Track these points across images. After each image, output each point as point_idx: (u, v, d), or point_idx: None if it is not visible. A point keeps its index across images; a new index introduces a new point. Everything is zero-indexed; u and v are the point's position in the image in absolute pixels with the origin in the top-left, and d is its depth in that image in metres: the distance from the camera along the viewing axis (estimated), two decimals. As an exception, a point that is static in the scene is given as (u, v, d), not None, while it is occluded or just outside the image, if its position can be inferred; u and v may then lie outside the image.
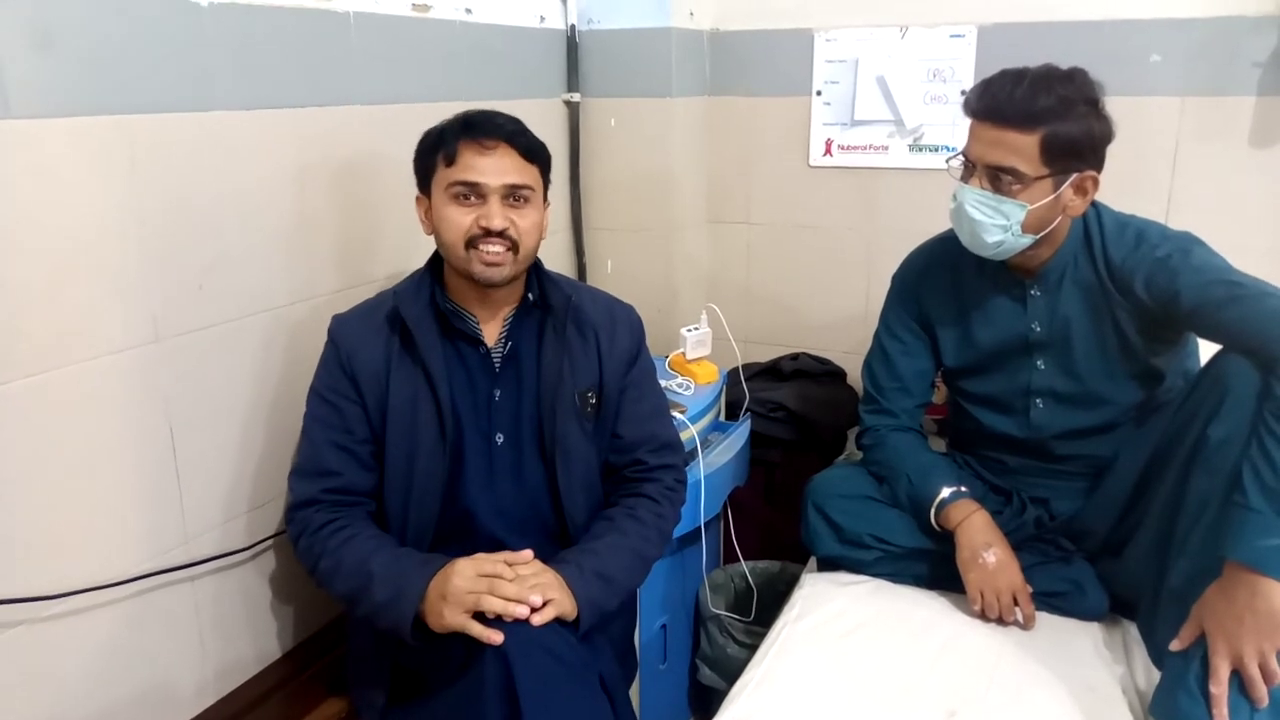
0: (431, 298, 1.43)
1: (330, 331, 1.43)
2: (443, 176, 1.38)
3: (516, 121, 1.41)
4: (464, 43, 1.94)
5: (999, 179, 1.42)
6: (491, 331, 1.46)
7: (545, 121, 2.25)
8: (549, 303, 1.45)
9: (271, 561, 1.62)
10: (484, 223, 1.36)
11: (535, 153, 1.41)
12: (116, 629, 1.37)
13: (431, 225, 1.43)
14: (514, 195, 1.38)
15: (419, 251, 1.85)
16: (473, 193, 1.37)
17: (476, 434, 1.44)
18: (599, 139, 2.34)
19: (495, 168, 1.37)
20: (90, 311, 1.28)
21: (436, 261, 1.48)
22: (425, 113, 1.84)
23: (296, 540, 1.39)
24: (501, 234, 1.36)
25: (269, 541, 1.60)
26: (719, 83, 2.44)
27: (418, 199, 1.46)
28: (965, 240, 1.49)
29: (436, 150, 1.39)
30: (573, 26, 2.28)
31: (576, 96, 2.31)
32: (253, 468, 1.56)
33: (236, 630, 1.57)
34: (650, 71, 2.28)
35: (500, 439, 1.44)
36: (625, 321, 1.55)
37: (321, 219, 1.63)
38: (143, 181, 1.33)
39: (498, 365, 1.45)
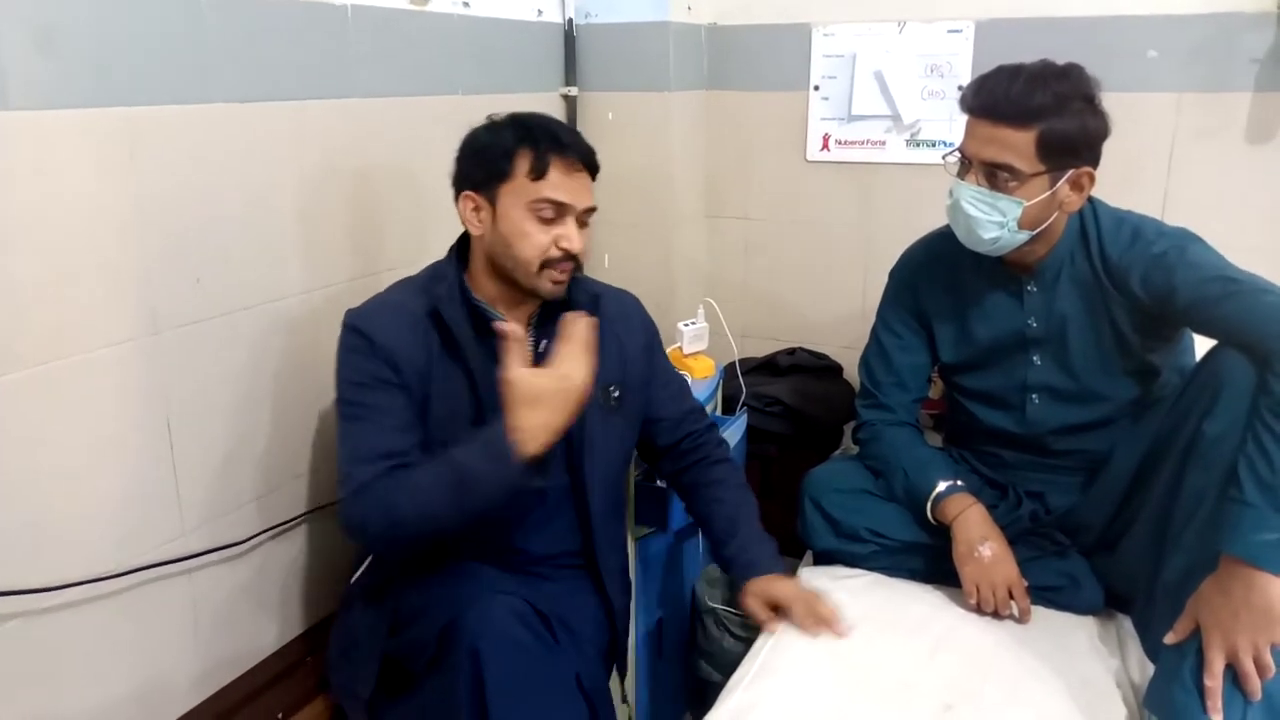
0: (463, 296, 1.40)
1: (354, 326, 1.37)
2: (525, 189, 1.34)
3: (581, 136, 1.42)
4: (462, 36, 1.94)
5: (995, 175, 1.42)
6: (517, 325, 1.44)
7: (543, 115, 2.24)
8: (574, 300, 1.45)
9: (268, 555, 1.62)
10: (565, 245, 1.36)
11: (596, 174, 1.43)
12: (112, 622, 1.37)
13: (486, 227, 1.38)
14: (586, 217, 1.40)
15: (420, 244, 1.86)
16: (557, 212, 1.36)
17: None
18: (596, 133, 2.34)
19: (580, 189, 1.38)
20: (89, 304, 1.28)
21: (458, 255, 1.45)
22: (423, 106, 1.85)
23: (366, 516, 1.31)
24: (575, 255, 1.38)
25: (266, 535, 1.60)
26: (717, 77, 2.44)
27: (466, 196, 1.39)
28: (962, 237, 1.49)
29: (511, 157, 1.35)
30: (570, 20, 2.28)
31: (574, 90, 2.31)
32: (250, 461, 1.56)
33: (232, 624, 1.57)
34: (648, 66, 2.28)
35: None
36: (636, 312, 1.60)
37: (320, 212, 1.63)
38: (141, 174, 1.32)
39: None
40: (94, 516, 1.32)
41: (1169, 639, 1.25)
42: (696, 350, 2.15)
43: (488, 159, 1.37)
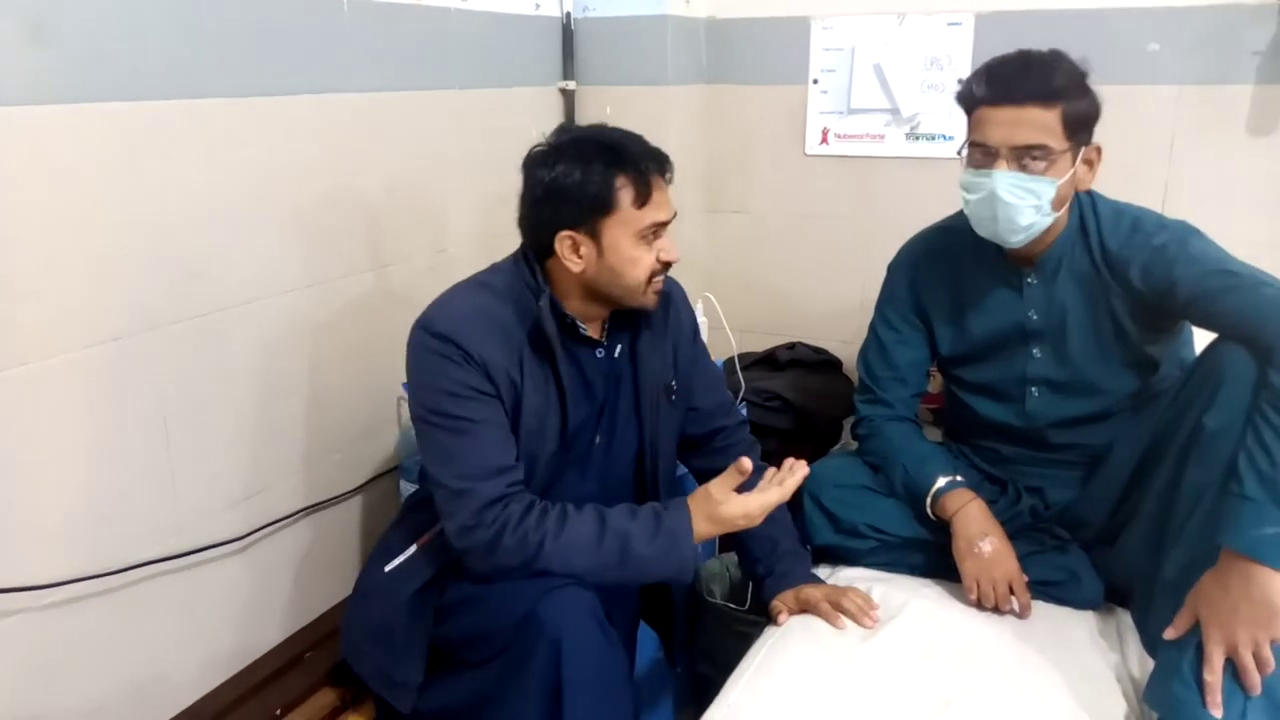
0: (553, 307, 1.35)
1: (443, 334, 1.29)
2: (632, 218, 1.31)
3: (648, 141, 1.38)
4: (459, 30, 1.93)
5: (1026, 158, 1.41)
6: (595, 332, 1.43)
7: (541, 110, 2.24)
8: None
9: (265, 551, 1.62)
10: (666, 256, 1.36)
11: None
12: (110, 618, 1.37)
13: (589, 262, 1.33)
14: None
15: (417, 239, 1.85)
16: (659, 231, 1.35)
17: (584, 439, 1.44)
18: None
19: (670, 199, 1.36)
20: (84, 300, 1.28)
21: (537, 261, 1.38)
22: (420, 101, 1.84)
23: (497, 540, 1.26)
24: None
25: (263, 531, 1.60)
26: (715, 71, 2.43)
27: (564, 237, 1.32)
28: (994, 229, 1.45)
29: (612, 189, 1.30)
30: (568, 14, 2.27)
31: (572, 85, 2.31)
32: (247, 457, 1.55)
33: (230, 620, 1.57)
34: (646, 59, 2.27)
35: (599, 440, 1.45)
36: (684, 301, 1.59)
37: (316, 207, 1.63)
38: (134, 169, 1.32)
39: (609, 369, 1.44)
40: (90, 514, 1.32)
41: (1169, 634, 1.24)
42: (696, 345, 2.14)
43: (585, 196, 1.30)
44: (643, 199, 1.31)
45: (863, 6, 2.25)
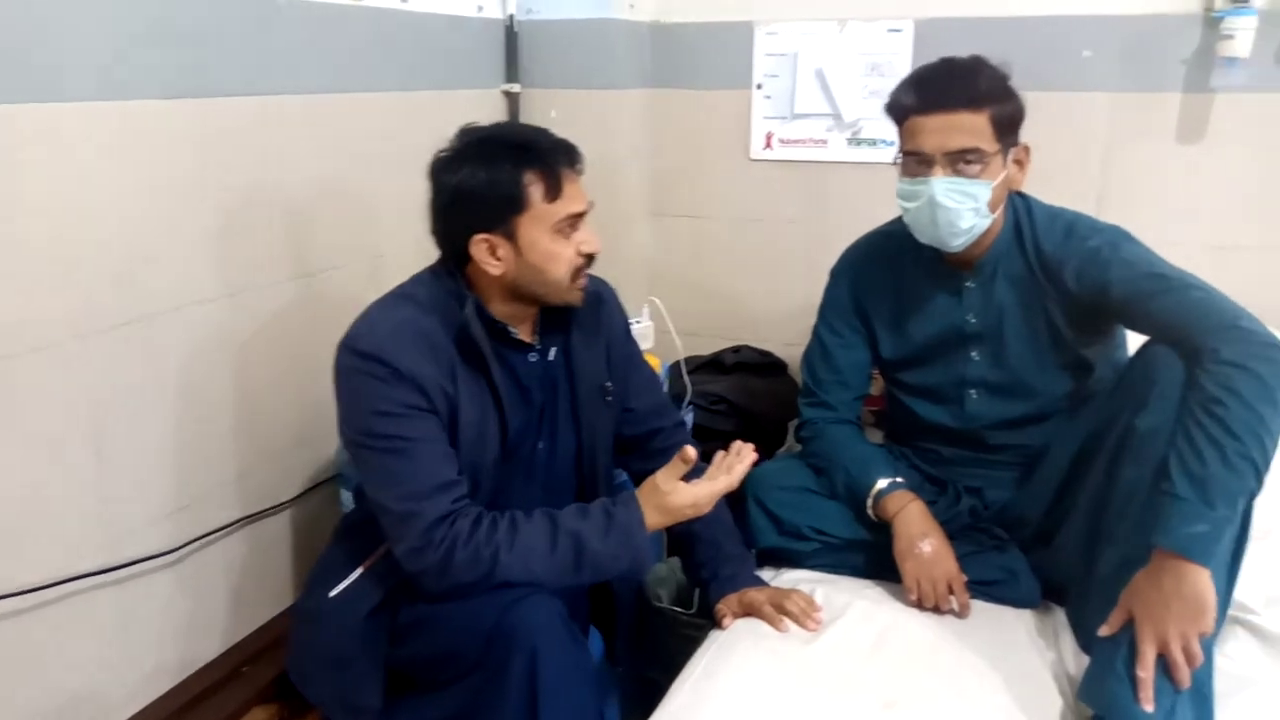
0: (480, 313, 1.33)
1: (370, 353, 1.26)
2: (545, 213, 1.29)
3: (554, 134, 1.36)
4: (399, 31, 1.91)
5: (960, 163, 1.43)
6: (526, 335, 1.41)
7: (484, 113, 2.22)
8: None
9: (201, 563, 1.58)
10: (588, 249, 1.34)
11: None
12: (40, 633, 1.33)
13: (509, 263, 1.31)
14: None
15: (353, 245, 1.82)
16: (575, 222, 1.33)
17: (526, 446, 1.43)
18: None
19: (582, 189, 1.35)
20: (9, 309, 1.24)
21: (456, 269, 1.36)
22: (358, 103, 1.81)
23: (449, 558, 1.24)
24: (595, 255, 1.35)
25: (199, 542, 1.56)
26: (661, 75, 2.43)
27: (479, 241, 1.29)
28: (935, 235, 1.47)
29: (521, 186, 1.27)
30: (511, 16, 2.25)
31: (516, 87, 2.29)
32: (181, 467, 1.52)
33: (164, 634, 1.53)
34: (591, 63, 2.27)
35: (541, 445, 1.44)
36: (615, 301, 1.58)
37: (248, 212, 1.59)
38: (59, 173, 1.28)
39: (544, 372, 1.43)
40: (15, 527, 1.28)
41: (1103, 631, 1.27)
42: (642, 349, 2.14)
43: (494, 196, 1.28)
44: (554, 192, 1.29)
45: (805, 12, 2.26)
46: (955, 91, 1.43)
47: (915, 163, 1.47)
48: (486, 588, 1.25)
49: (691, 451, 1.31)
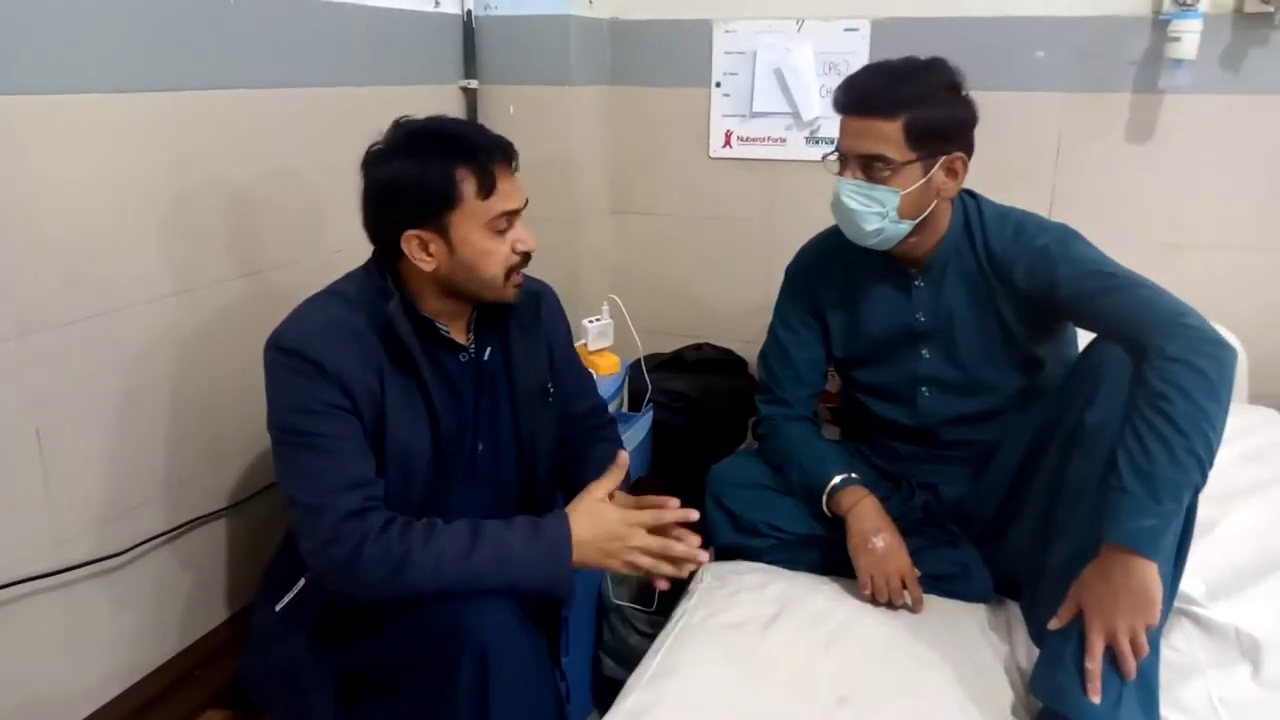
0: (406, 309, 1.31)
1: (294, 349, 1.25)
2: (479, 209, 1.27)
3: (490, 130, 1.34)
4: (355, 26, 1.89)
5: (871, 167, 1.45)
6: (459, 334, 1.40)
7: (442, 108, 2.19)
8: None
9: (148, 566, 1.55)
10: (523, 247, 1.32)
11: None
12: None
13: (441, 260, 1.29)
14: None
15: (306, 241, 1.80)
16: (510, 220, 1.31)
17: (463, 446, 1.40)
18: (498, 127, 2.23)
19: (519, 187, 1.33)
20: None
21: (387, 266, 1.35)
22: (312, 99, 1.79)
23: (357, 553, 1.19)
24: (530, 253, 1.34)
25: (147, 545, 1.53)
26: (620, 72, 2.43)
27: (410, 236, 1.28)
28: (848, 232, 1.52)
29: (454, 182, 1.25)
30: (469, 12, 2.24)
31: (474, 83, 2.28)
32: (129, 468, 1.49)
33: (112, 638, 1.50)
34: (549, 59, 2.26)
35: (481, 447, 1.42)
36: (557, 304, 1.58)
37: (201, 208, 1.57)
38: (8, 168, 1.25)
39: (477, 372, 1.41)
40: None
41: (1053, 624, 1.28)
42: (601, 347, 2.14)
43: (426, 191, 1.26)
44: (487, 189, 1.27)
45: (763, 11, 2.27)
46: (874, 97, 1.44)
47: (836, 160, 1.51)
48: (394, 594, 1.21)
49: (624, 457, 1.31)
